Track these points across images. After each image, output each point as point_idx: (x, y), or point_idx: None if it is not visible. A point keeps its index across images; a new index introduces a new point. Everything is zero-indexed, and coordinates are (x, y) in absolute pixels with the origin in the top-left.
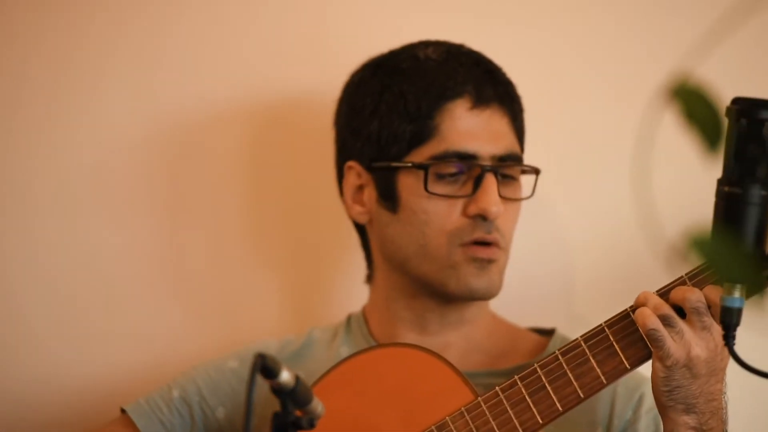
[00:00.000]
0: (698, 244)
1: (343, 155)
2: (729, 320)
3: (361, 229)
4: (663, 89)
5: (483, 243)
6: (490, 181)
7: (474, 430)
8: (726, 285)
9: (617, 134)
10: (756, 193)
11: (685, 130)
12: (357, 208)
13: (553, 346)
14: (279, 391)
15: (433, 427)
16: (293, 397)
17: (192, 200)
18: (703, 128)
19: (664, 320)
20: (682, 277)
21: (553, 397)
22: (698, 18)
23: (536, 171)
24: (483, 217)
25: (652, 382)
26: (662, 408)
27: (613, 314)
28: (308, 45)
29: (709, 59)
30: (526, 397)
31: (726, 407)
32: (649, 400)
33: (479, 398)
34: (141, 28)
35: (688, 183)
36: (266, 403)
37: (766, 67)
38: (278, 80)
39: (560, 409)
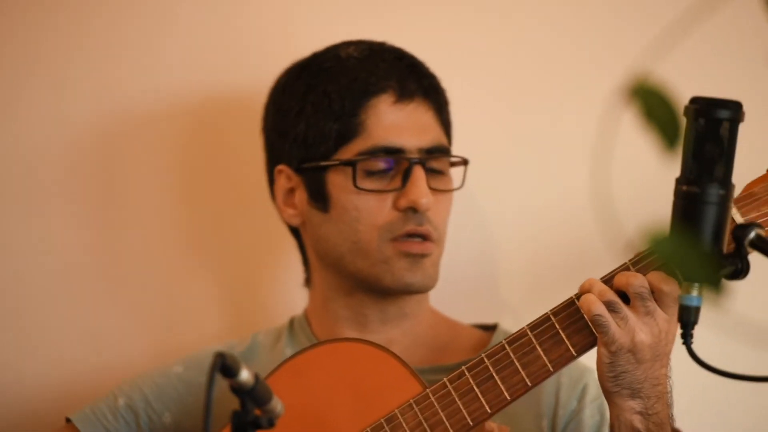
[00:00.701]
0: (657, 242)
1: (272, 159)
2: (687, 319)
3: (296, 233)
4: (622, 88)
5: (415, 236)
6: (419, 174)
7: (423, 421)
8: (684, 284)
9: (569, 131)
10: (714, 192)
11: (643, 128)
12: (289, 211)
13: (496, 340)
14: (238, 390)
15: (382, 420)
16: (253, 396)
17: (128, 204)
18: (661, 127)
19: (609, 306)
20: (625, 263)
21: (501, 386)
22: (657, 17)
23: (465, 162)
24: (413, 210)
25: (597, 368)
26: (608, 394)
27: (557, 303)
28: (241, 44)
29: (668, 58)
30: (474, 387)
31: (671, 391)
32: (594, 390)
33: (428, 390)
34: (69, 29)
35: (648, 181)
36: (216, 402)
37: (725, 67)
38: (213, 81)
39: (508, 398)
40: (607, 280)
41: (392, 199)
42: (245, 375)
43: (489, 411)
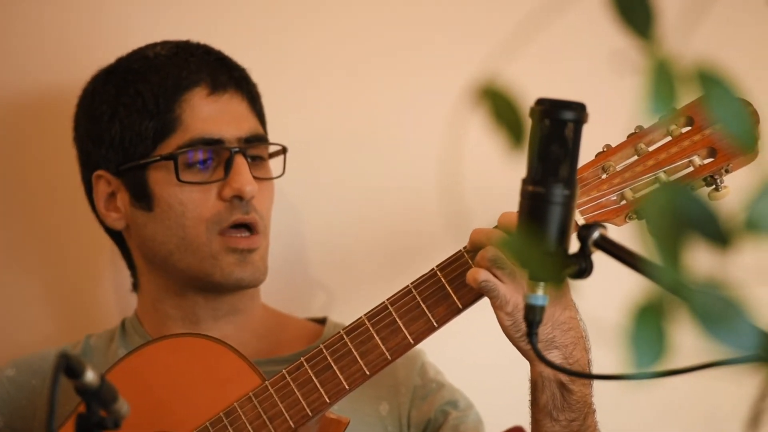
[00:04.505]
0: (504, 242)
1: (88, 167)
2: (532, 317)
3: (118, 238)
4: (471, 89)
5: (243, 226)
6: (241, 162)
7: (262, 413)
8: (529, 283)
9: (417, 126)
10: (559, 192)
11: (491, 129)
12: (112, 216)
13: (328, 331)
14: (83, 391)
15: (221, 414)
16: (98, 397)
17: None
18: (508, 128)
19: (494, 263)
20: (460, 251)
21: (340, 376)
22: (504, 18)
23: (284, 149)
24: (239, 198)
25: (504, 333)
26: (525, 353)
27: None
28: (63, 42)
29: (514, 59)
30: (313, 377)
31: (587, 336)
32: (432, 369)
33: (266, 382)
34: None
35: (496, 180)
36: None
37: (570, 68)
38: (31, 79)
39: (347, 387)
40: (443, 267)
41: (216, 191)
42: (90, 376)
43: (328, 401)
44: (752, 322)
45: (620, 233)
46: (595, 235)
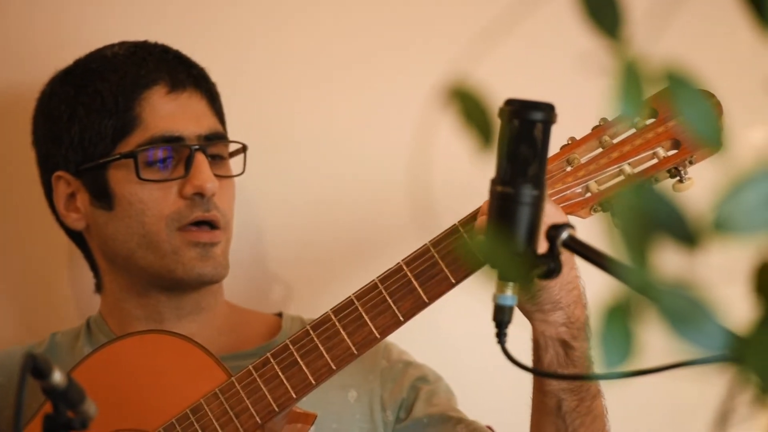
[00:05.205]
0: (474, 242)
1: (48, 168)
2: (501, 318)
3: (79, 240)
4: (440, 89)
5: (204, 223)
6: (201, 159)
7: (229, 410)
8: (499, 283)
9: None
10: (527, 192)
11: (461, 129)
12: (72, 216)
13: (286, 324)
14: (50, 391)
15: (187, 411)
16: (65, 398)
17: None
18: (477, 128)
19: None
20: (426, 245)
21: (306, 371)
22: (474, 18)
23: (244, 148)
24: (200, 195)
25: None
26: (528, 314)
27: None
28: (23, 42)
29: (484, 60)
30: (279, 373)
31: (584, 291)
32: (396, 349)
33: (233, 378)
34: None
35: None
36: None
37: (539, 69)
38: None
39: (313, 382)
40: (409, 261)
41: (177, 188)
42: (57, 377)
43: (294, 396)
44: (720, 322)
45: (585, 225)
46: (564, 235)
